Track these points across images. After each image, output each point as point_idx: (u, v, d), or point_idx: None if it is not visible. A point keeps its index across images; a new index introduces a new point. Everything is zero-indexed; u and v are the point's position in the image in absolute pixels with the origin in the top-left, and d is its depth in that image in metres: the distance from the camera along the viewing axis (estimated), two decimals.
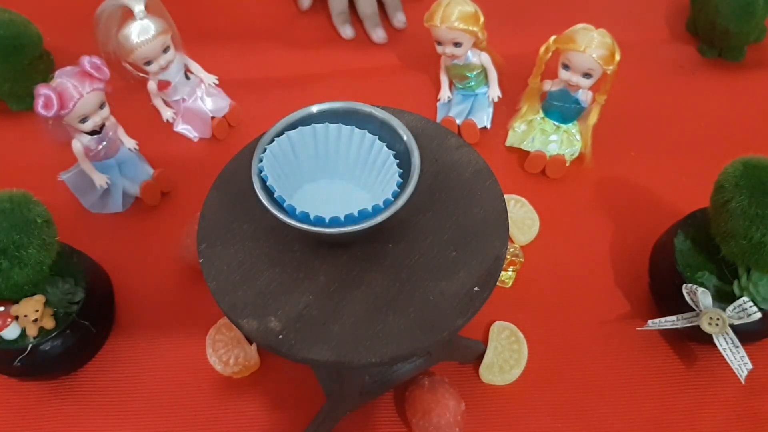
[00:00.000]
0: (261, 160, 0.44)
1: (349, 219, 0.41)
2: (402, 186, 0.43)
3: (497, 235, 0.47)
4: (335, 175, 0.50)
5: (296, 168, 0.48)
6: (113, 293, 0.69)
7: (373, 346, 0.42)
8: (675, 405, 0.63)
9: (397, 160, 0.45)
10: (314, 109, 0.47)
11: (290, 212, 0.43)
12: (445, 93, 0.85)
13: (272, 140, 0.46)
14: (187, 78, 0.82)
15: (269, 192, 0.43)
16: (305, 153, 0.48)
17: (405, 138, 0.45)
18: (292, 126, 0.47)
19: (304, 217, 0.42)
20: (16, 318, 0.60)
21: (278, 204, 0.43)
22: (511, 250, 0.71)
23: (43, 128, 0.68)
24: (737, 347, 0.58)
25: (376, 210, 0.42)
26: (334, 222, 0.42)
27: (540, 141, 0.79)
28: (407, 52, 0.94)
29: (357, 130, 0.47)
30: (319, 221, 0.42)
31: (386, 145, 0.46)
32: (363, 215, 0.41)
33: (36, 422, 0.64)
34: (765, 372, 0.64)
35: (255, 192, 0.43)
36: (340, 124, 0.47)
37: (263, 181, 0.43)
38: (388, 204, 0.42)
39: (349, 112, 0.47)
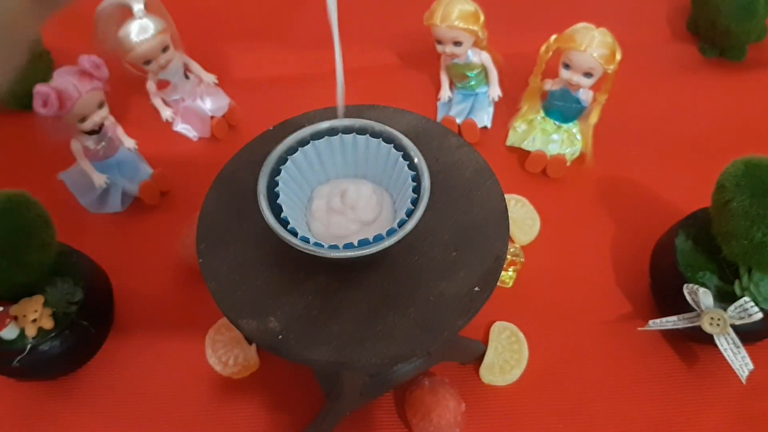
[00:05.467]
0: (276, 177, 0.44)
1: (348, 246, 0.41)
2: (410, 213, 0.42)
3: (498, 234, 0.46)
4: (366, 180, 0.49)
5: (321, 173, 0.48)
6: (112, 293, 0.69)
7: (373, 346, 0.42)
8: (676, 405, 0.63)
9: (413, 172, 0.44)
10: (324, 125, 0.47)
11: (292, 232, 0.42)
12: (445, 92, 0.85)
13: (285, 159, 0.45)
14: (187, 77, 0.82)
15: (274, 208, 0.43)
16: (332, 160, 0.48)
17: (416, 160, 0.45)
18: (301, 143, 0.46)
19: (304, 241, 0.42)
20: (15, 318, 0.60)
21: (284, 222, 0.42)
22: (512, 250, 0.71)
23: (42, 127, 0.67)
24: (738, 347, 0.58)
25: (377, 239, 0.41)
26: (333, 247, 0.41)
27: (541, 140, 0.79)
28: (407, 51, 0.94)
29: (383, 143, 0.46)
30: (319, 246, 0.41)
31: (402, 155, 0.45)
32: (363, 243, 0.41)
33: (35, 422, 0.64)
34: (766, 372, 0.63)
35: (262, 212, 0.42)
36: (368, 135, 0.46)
37: (269, 199, 0.43)
38: (391, 233, 0.41)
39: (364, 129, 0.47)
